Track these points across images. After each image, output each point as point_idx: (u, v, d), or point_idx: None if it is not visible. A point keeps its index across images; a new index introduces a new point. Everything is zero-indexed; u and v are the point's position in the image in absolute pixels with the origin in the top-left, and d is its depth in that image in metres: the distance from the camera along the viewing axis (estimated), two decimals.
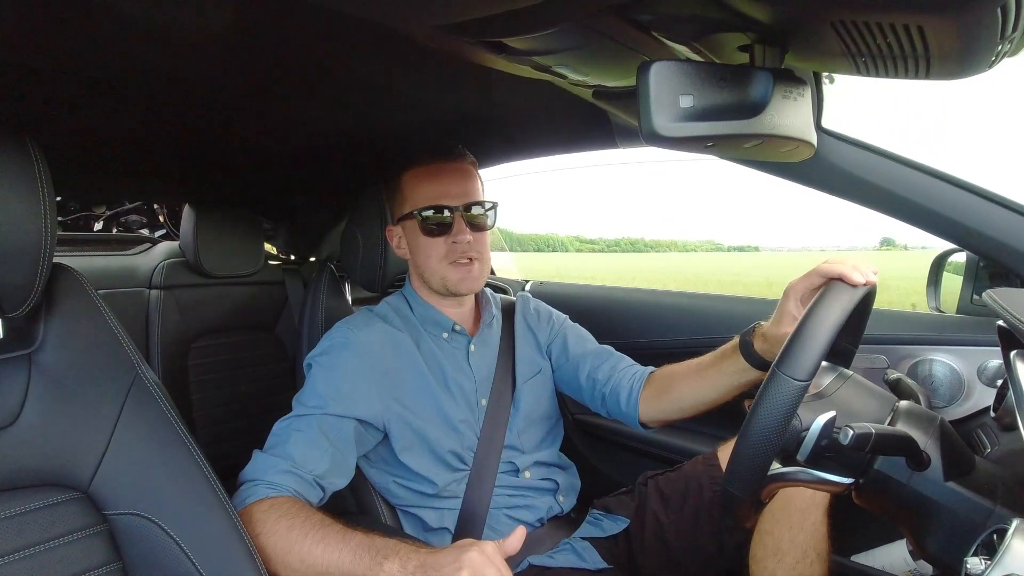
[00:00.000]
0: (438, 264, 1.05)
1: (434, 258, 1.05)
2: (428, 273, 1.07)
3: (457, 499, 1.04)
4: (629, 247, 55.48)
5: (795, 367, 0.63)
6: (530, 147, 1.45)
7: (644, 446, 1.46)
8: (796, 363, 0.63)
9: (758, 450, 0.63)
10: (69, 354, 0.68)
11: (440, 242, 1.05)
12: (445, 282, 1.06)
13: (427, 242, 1.05)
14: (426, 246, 1.05)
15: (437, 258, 1.05)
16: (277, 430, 0.93)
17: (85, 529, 0.65)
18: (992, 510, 0.62)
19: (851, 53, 0.59)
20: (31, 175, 0.61)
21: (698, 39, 0.67)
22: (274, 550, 0.77)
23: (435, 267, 1.06)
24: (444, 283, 1.06)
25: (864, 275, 0.75)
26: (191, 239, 1.71)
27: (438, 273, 1.06)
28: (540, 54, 0.75)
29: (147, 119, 1.19)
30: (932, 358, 1.09)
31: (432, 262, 1.05)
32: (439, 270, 1.06)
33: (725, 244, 16.87)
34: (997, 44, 0.50)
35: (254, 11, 0.74)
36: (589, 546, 1.06)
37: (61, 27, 0.77)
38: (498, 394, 1.10)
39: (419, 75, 1.00)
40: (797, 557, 0.92)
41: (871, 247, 13.77)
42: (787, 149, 0.65)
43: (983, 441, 0.93)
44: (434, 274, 1.06)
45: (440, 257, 1.05)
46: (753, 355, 0.93)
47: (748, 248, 13.87)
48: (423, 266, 1.07)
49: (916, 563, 1.03)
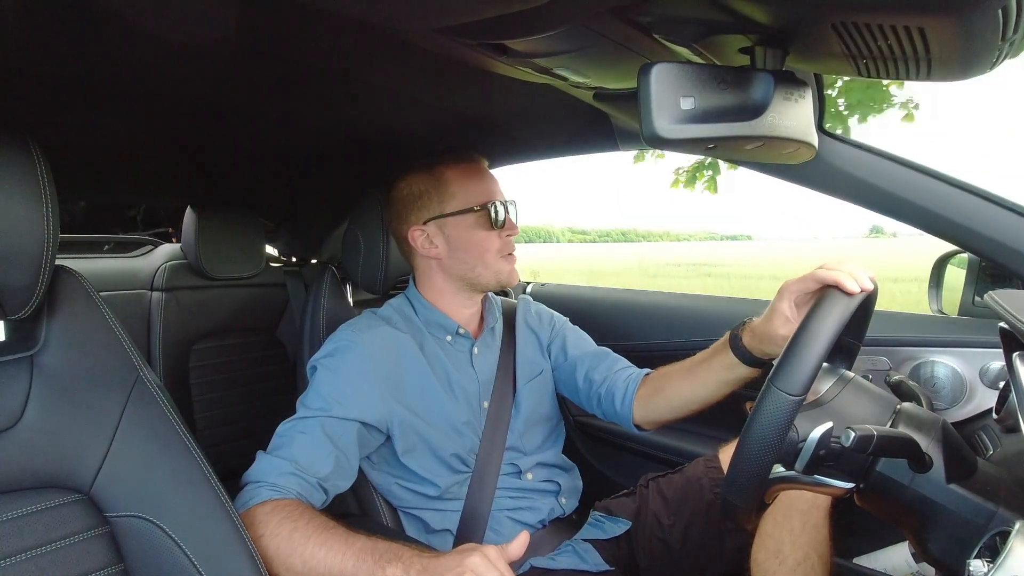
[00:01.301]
0: (494, 258, 1.08)
1: (491, 252, 1.07)
2: (482, 268, 1.08)
3: (459, 501, 1.04)
4: (620, 237, 55.54)
5: (789, 382, 0.63)
6: (531, 149, 1.45)
7: (645, 448, 1.46)
8: (790, 378, 0.63)
9: (755, 462, 0.64)
10: (71, 356, 0.68)
11: (495, 236, 1.07)
12: (499, 276, 1.09)
13: (486, 236, 1.07)
14: (484, 240, 1.07)
15: (494, 252, 1.07)
16: (281, 432, 0.93)
17: (87, 531, 0.65)
18: (995, 512, 0.62)
19: (852, 55, 0.59)
20: (33, 177, 0.61)
21: (699, 41, 0.67)
22: (277, 552, 0.77)
23: (491, 261, 1.08)
24: (497, 276, 1.09)
25: (860, 283, 0.74)
26: (192, 241, 1.72)
27: (493, 267, 1.08)
28: (541, 56, 0.75)
29: (149, 121, 1.19)
30: (934, 360, 1.09)
31: (489, 256, 1.07)
32: (494, 264, 1.08)
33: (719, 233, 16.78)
34: (998, 45, 0.50)
35: (255, 15, 0.74)
36: (590, 548, 1.06)
37: (63, 31, 0.77)
38: (499, 396, 1.10)
39: (420, 77, 1.01)
40: (799, 559, 0.91)
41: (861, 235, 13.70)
42: (788, 151, 0.65)
43: (985, 443, 0.93)
44: (488, 268, 1.08)
45: (497, 251, 1.08)
46: (741, 349, 0.94)
47: (741, 237, 13.98)
48: (475, 261, 1.08)
49: (918, 566, 1.03)
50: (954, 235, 0.99)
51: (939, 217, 0.97)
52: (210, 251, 1.73)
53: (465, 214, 1.06)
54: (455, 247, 1.08)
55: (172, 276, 1.75)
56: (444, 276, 1.11)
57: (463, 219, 1.06)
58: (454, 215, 1.07)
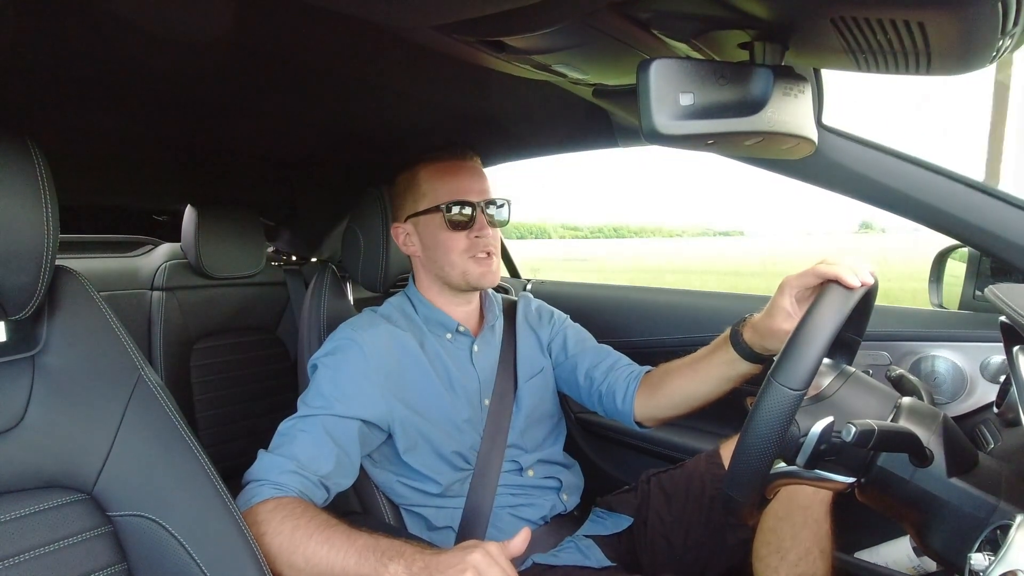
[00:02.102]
0: (459, 258, 1.06)
1: (455, 252, 1.06)
2: (448, 268, 1.07)
3: (461, 498, 1.04)
4: (612, 233, 55.29)
5: (790, 377, 0.63)
6: (531, 146, 1.45)
7: (646, 444, 1.47)
8: (791, 373, 0.63)
9: (756, 457, 0.64)
10: (72, 356, 0.68)
11: (462, 236, 1.06)
12: (467, 276, 1.07)
13: (450, 236, 1.06)
14: (448, 240, 1.06)
15: (459, 252, 1.06)
16: (282, 430, 0.93)
17: (90, 531, 0.66)
18: (996, 506, 0.62)
19: (851, 50, 0.59)
20: (33, 177, 0.61)
21: (698, 36, 0.67)
22: (279, 550, 0.78)
23: (456, 261, 1.06)
24: (466, 277, 1.07)
25: (861, 277, 0.74)
26: (192, 241, 1.72)
27: (459, 267, 1.07)
28: (540, 53, 0.75)
29: (147, 120, 1.19)
30: (935, 354, 1.09)
31: (454, 256, 1.06)
32: (460, 264, 1.06)
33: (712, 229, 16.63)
34: (998, 39, 0.50)
35: (253, 12, 0.74)
36: (592, 544, 1.07)
37: (61, 30, 0.77)
38: (500, 394, 1.10)
39: (419, 75, 1.00)
40: (800, 554, 0.92)
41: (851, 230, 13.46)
42: (788, 146, 0.65)
43: (986, 437, 0.93)
44: (455, 268, 1.07)
45: (462, 251, 1.06)
46: (742, 345, 0.94)
47: (734, 232, 13.81)
48: (443, 261, 1.07)
49: (920, 559, 1.03)
50: (954, 229, 0.99)
51: (939, 212, 0.97)
52: (210, 250, 1.73)
53: (433, 213, 1.06)
54: (426, 246, 1.09)
55: (172, 275, 1.75)
56: (426, 274, 1.12)
57: (432, 218, 1.07)
58: (424, 214, 1.07)
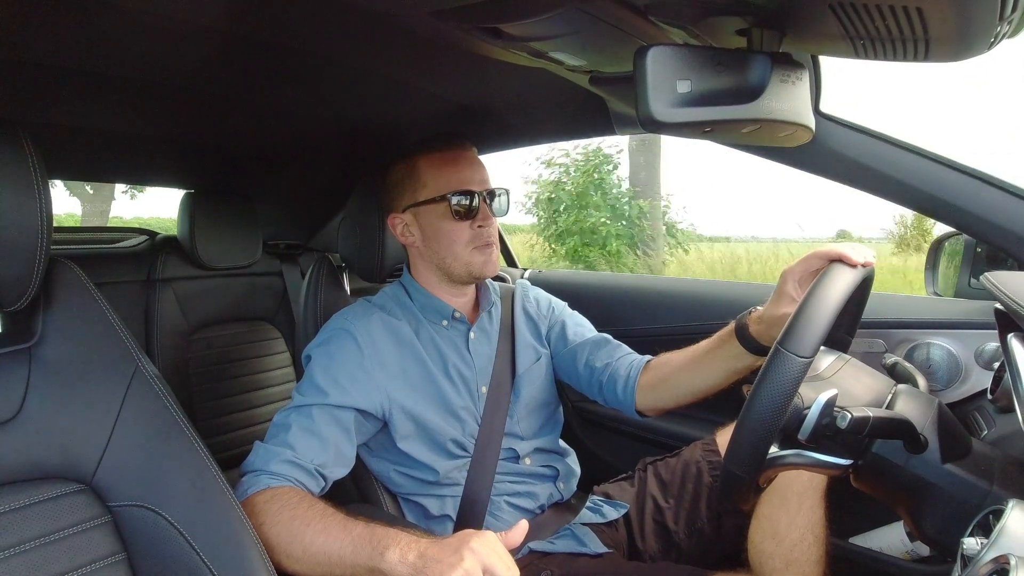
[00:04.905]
0: (463, 249, 1.06)
1: (459, 243, 1.05)
2: (451, 259, 1.07)
3: (458, 486, 1.04)
4: None
5: (798, 344, 0.63)
6: (527, 134, 1.44)
7: (643, 432, 1.47)
8: (799, 340, 0.63)
9: (760, 428, 0.63)
10: (69, 347, 0.68)
11: (465, 227, 1.05)
12: (470, 267, 1.07)
13: (453, 227, 1.05)
14: (452, 231, 1.05)
15: (462, 243, 1.05)
16: (278, 421, 0.94)
17: (89, 521, 0.66)
18: (988, 491, 0.63)
19: (849, 36, 0.59)
20: (25, 168, 0.61)
21: (695, 23, 0.66)
22: (277, 540, 0.78)
23: (460, 252, 1.06)
24: (468, 268, 1.07)
25: (863, 256, 0.76)
26: (187, 231, 1.71)
27: (462, 258, 1.06)
28: (536, 40, 0.74)
29: (142, 108, 1.18)
30: (930, 342, 1.09)
31: (457, 247, 1.06)
32: (463, 255, 1.06)
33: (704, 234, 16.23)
34: (996, 25, 0.50)
35: (249, 0, 0.73)
36: (589, 531, 1.07)
37: (56, 18, 0.76)
38: (498, 381, 1.11)
39: (415, 63, 1.00)
40: (795, 540, 0.92)
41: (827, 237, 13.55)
42: (785, 133, 0.64)
43: (980, 423, 0.94)
44: (458, 259, 1.06)
45: (465, 242, 1.05)
46: (748, 339, 0.94)
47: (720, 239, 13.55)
48: (445, 252, 1.07)
49: (913, 544, 1.04)
50: (951, 217, 0.99)
51: (936, 199, 0.97)
52: (205, 241, 1.72)
53: (435, 203, 1.05)
54: (427, 236, 1.08)
55: (168, 266, 1.74)
56: (424, 264, 1.11)
57: (433, 208, 1.06)
58: (425, 204, 1.06)
